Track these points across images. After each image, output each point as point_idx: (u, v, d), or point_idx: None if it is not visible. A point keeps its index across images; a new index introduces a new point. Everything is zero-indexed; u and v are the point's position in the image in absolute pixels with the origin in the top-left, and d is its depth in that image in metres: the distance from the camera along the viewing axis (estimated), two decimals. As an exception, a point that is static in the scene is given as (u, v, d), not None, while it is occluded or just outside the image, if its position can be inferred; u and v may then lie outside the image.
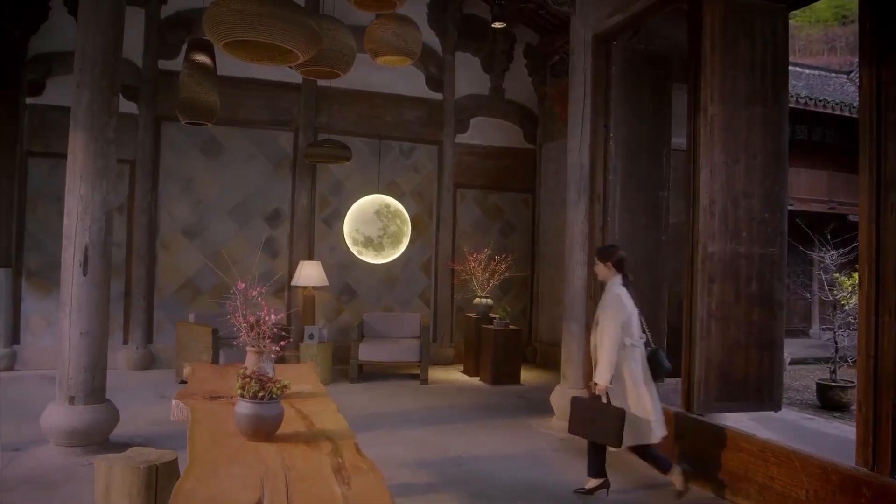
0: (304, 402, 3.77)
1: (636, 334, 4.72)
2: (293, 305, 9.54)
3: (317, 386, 4.27)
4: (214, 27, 3.32)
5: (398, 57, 3.82)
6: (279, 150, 9.61)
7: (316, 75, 4.27)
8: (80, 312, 5.33)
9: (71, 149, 5.37)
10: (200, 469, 2.57)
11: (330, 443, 2.98)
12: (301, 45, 3.40)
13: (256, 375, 3.03)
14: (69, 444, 5.23)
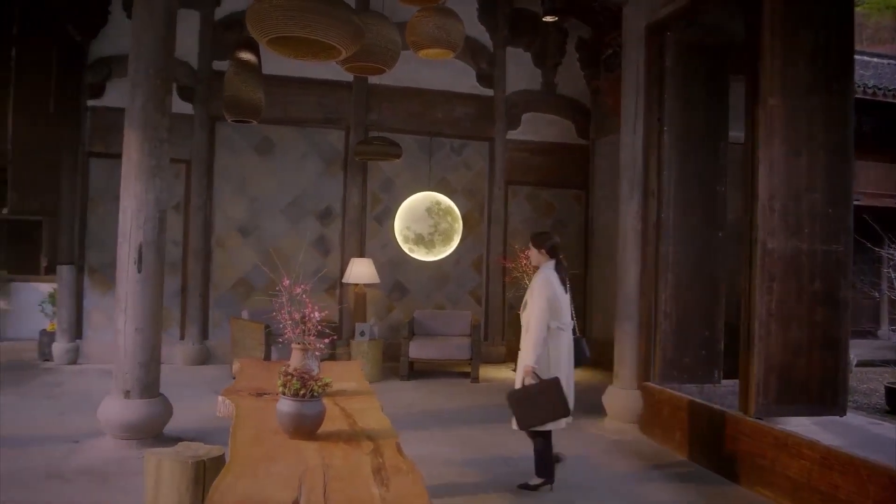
0: (349, 399, 3.75)
1: (564, 318, 4.71)
2: (344, 303, 9.59)
3: (362, 384, 4.24)
4: (257, 24, 3.32)
5: (440, 50, 3.75)
6: (331, 148, 9.68)
7: (361, 71, 4.25)
8: (135, 309, 5.44)
9: (126, 148, 5.48)
10: (240, 466, 2.56)
11: (371, 442, 2.94)
12: (343, 40, 3.37)
13: (298, 373, 3.02)
14: (125, 436, 5.34)
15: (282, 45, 3.54)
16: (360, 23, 3.42)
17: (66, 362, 8.77)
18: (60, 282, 8.99)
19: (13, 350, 9.90)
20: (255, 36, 3.37)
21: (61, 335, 8.86)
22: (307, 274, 9.27)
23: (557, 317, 4.64)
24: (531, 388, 4.54)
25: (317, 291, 9.58)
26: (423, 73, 9.46)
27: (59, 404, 6.79)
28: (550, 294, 4.61)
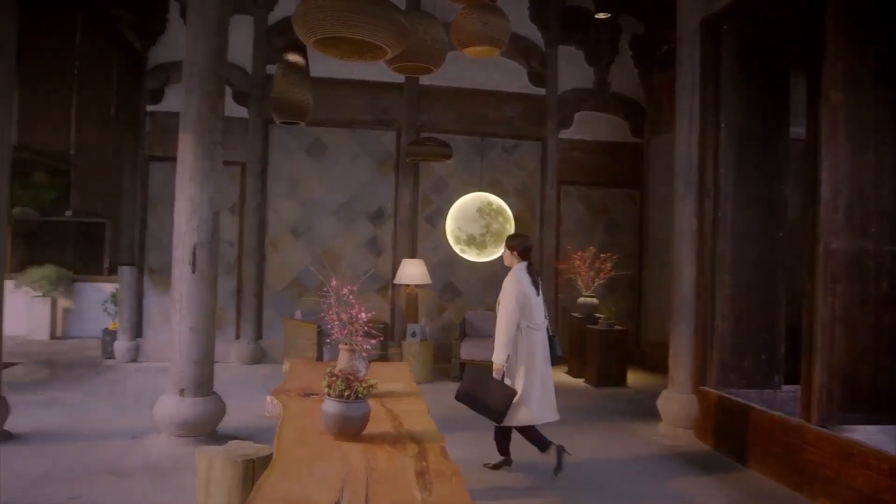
0: (396, 401, 3.73)
1: (536, 318, 4.83)
2: (396, 303, 9.62)
3: (410, 385, 4.22)
4: (303, 25, 3.33)
5: (485, 47, 3.70)
6: (382, 149, 9.72)
7: (409, 71, 4.24)
8: (190, 308, 5.55)
9: (181, 151, 5.60)
10: (284, 467, 2.56)
11: (416, 445, 2.91)
12: (389, 39, 3.36)
13: (344, 374, 3.01)
14: (179, 434, 5.45)
15: (328, 45, 3.54)
16: (405, 22, 3.40)
17: (127, 360, 9.02)
18: (122, 282, 9.26)
19: (78, 348, 10.25)
20: (302, 37, 3.39)
21: (122, 334, 9.12)
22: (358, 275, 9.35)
23: (528, 317, 4.78)
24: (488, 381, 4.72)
25: (368, 292, 9.66)
26: (475, 73, 9.44)
27: (120, 401, 6.98)
28: (520, 295, 4.76)
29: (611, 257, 8.86)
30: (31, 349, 10.01)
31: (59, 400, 6.96)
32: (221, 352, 9.09)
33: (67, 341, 11.00)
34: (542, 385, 4.82)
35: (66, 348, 10.28)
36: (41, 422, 6.06)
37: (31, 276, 10.97)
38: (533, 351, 4.81)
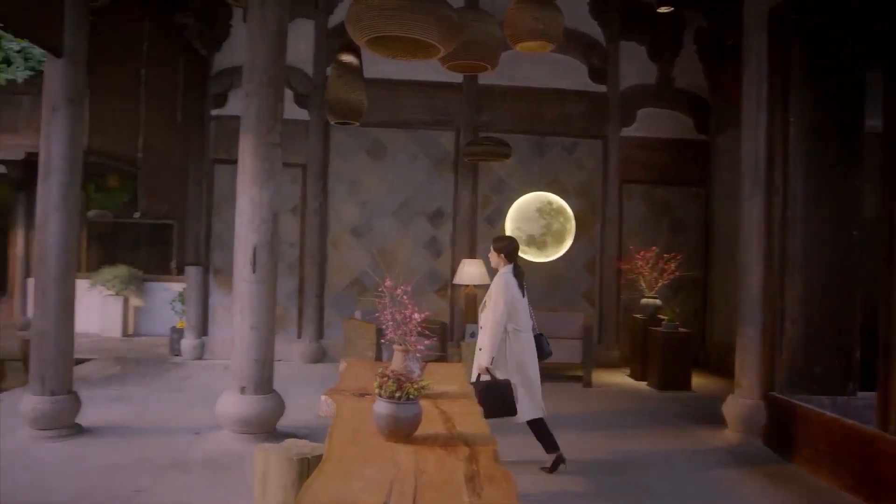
0: (450, 402, 3.69)
1: (521, 321, 4.91)
2: (455, 304, 9.59)
3: (464, 386, 4.18)
4: (355, 25, 3.32)
5: (538, 42, 3.62)
6: (441, 149, 9.71)
7: (464, 70, 4.19)
8: (250, 308, 5.64)
9: (241, 153, 5.70)
10: (332, 467, 2.55)
11: (468, 448, 2.86)
12: (441, 37, 3.32)
13: (395, 375, 2.98)
14: (240, 431, 5.55)
15: (380, 45, 3.53)
16: (458, 19, 3.36)
17: (194, 357, 9.26)
18: (188, 282, 9.52)
19: (148, 345, 10.59)
20: (354, 37, 3.38)
21: (189, 332, 9.37)
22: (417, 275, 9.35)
23: (515, 319, 4.86)
24: (479, 385, 4.70)
25: (427, 292, 9.68)
26: (534, 71, 9.34)
27: (185, 397, 7.17)
28: (509, 298, 4.82)
29: (675, 257, 8.62)
30: (104, 346, 10.39)
31: (128, 395, 7.19)
32: (284, 351, 9.28)
33: (138, 339, 11.38)
34: (527, 386, 4.91)
35: (137, 345, 10.64)
36: (111, 416, 6.27)
37: (105, 275, 11.39)
38: (521, 353, 4.92)
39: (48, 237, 5.64)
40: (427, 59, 3.62)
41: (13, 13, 4.90)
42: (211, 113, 9.35)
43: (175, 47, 8.12)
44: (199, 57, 9.09)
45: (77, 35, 5.63)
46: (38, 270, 5.74)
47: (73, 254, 5.84)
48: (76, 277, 5.95)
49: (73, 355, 5.97)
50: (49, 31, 5.38)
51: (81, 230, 12.73)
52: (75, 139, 5.70)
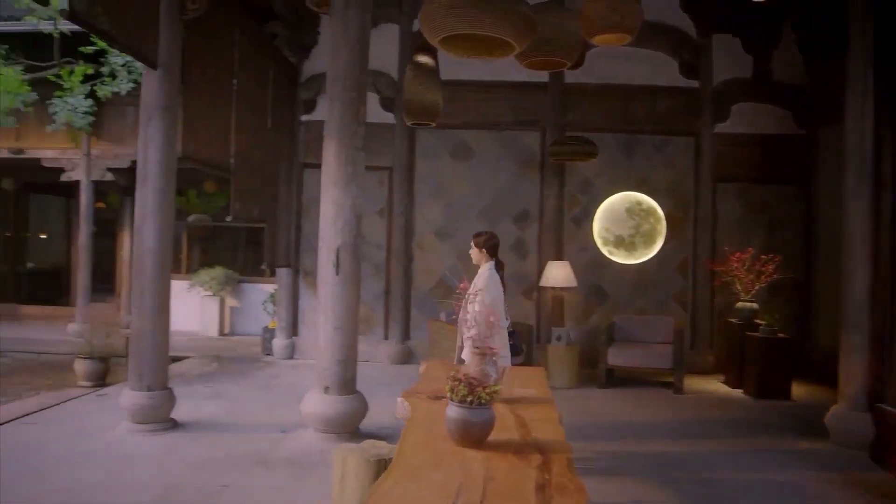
0: (527, 407, 3.60)
1: (503, 318, 4.86)
2: (541, 306, 9.45)
3: (543, 391, 4.07)
4: (428, 25, 3.30)
5: (614, 34, 3.48)
6: (526, 150, 9.60)
7: (542, 66, 4.09)
8: (334, 309, 5.72)
9: (325, 157, 5.80)
10: (401, 471, 2.52)
11: (541, 455, 2.77)
12: (514, 33, 3.25)
13: (467, 378, 2.93)
14: (324, 430, 5.63)
15: (454, 44, 3.49)
16: (532, 15, 3.27)
17: (284, 357, 9.52)
18: (279, 283, 9.79)
19: (242, 344, 10.96)
20: (428, 37, 3.36)
21: (280, 332, 9.64)
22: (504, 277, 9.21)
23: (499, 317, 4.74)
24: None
25: (513, 294, 9.56)
26: (622, 67, 9.11)
27: (274, 396, 7.36)
28: (497, 295, 4.82)
29: (773, 259, 8.18)
30: (202, 344, 10.83)
31: (221, 392, 7.45)
32: (370, 352, 9.40)
33: (233, 338, 11.80)
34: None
35: (232, 344, 11.03)
36: (204, 412, 6.50)
37: (203, 276, 11.88)
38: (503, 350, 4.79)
39: (145, 240, 5.90)
40: (503, 57, 3.55)
41: (114, 29, 5.15)
42: (301, 118, 9.59)
43: (265, 55, 8.36)
44: (289, 64, 9.34)
45: (171, 47, 5.88)
46: (135, 272, 6.02)
47: (169, 256, 6.09)
48: (176, 279, 6.21)
49: (169, 353, 6.24)
50: (145, 45, 5.63)
51: (182, 234, 13.40)
52: (169, 146, 5.95)
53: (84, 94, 9.22)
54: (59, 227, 16.00)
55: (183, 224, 13.57)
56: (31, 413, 6.45)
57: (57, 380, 8.36)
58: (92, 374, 7.76)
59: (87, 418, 6.29)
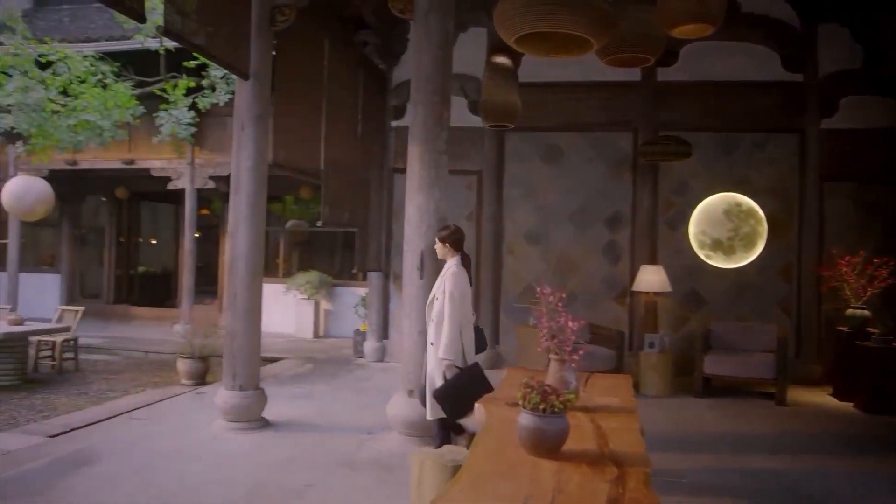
0: (607, 417, 3.48)
1: (468, 313, 4.85)
2: (634, 312, 9.18)
3: (627, 400, 3.93)
4: (503, 24, 3.26)
5: (695, 25, 3.29)
6: (618, 151, 9.35)
7: (623, 63, 3.96)
8: (417, 312, 5.71)
9: (409, 162, 5.83)
10: (469, 479, 2.47)
11: (616, 468, 2.66)
12: (592, 30, 3.16)
13: (540, 386, 2.85)
14: (408, 433, 5.65)
15: (530, 43, 3.43)
16: (610, 9, 3.16)
17: (375, 360, 9.65)
18: (370, 287, 9.95)
19: (335, 347, 11.21)
20: (504, 37, 3.32)
21: (371, 335, 9.79)
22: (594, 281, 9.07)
23: (465, 313, 4.81)
24: (459, 380, 4.64)
25: (605, 299, 9.36)
26: (718, 63, 8.72)
27: (362, 398, 7.46)
28: (464, 290, 4.81)
29: (887, 263, 7.61)
30: (297, 346, 11.15)
31: (312, 393, 7.62)
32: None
33: (327, 340, 12.09)
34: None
35: (326, 346, 11.30)
36: (294, 412, 6.67)
37: (298, 280, 12.24)
38: (469, 346, 4.87)
39: (238, 245, 6.12)
40: (581, 55, 3.45)
41: (207, 43, 5.37)
42: (391, 124, 9.72)
43: (355, 63, 8.51)
44: (379, 71, 9.48)
45: (262, 58, 6.07)
46: (229, 275, 6.25)
47: (260, 260, 6.29)
48: (273, 282, 6.41)
49: (265, 354, 6.44)
50: (237, 56, 5.84)
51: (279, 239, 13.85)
52: (261, 154, 6.15)
53: (187, 106, 9.67)
54: (168, 232, 16.92)
55: (281, 229, 14.05)
56: (137, 408, 6.82)
57: (162, 377, 8.79)
58: (192, 372, 8.11)
59: (186, 415, 6.58)
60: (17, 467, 4.97)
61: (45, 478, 4.77)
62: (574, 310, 9.21)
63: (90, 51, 9.82)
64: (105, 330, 12.47)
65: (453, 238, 4.97)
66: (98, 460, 5.14)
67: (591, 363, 7.64)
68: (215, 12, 5.41)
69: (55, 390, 7.90)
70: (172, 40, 5.36)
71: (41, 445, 5.58)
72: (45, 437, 5.84)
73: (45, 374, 8.75)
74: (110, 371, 9.22)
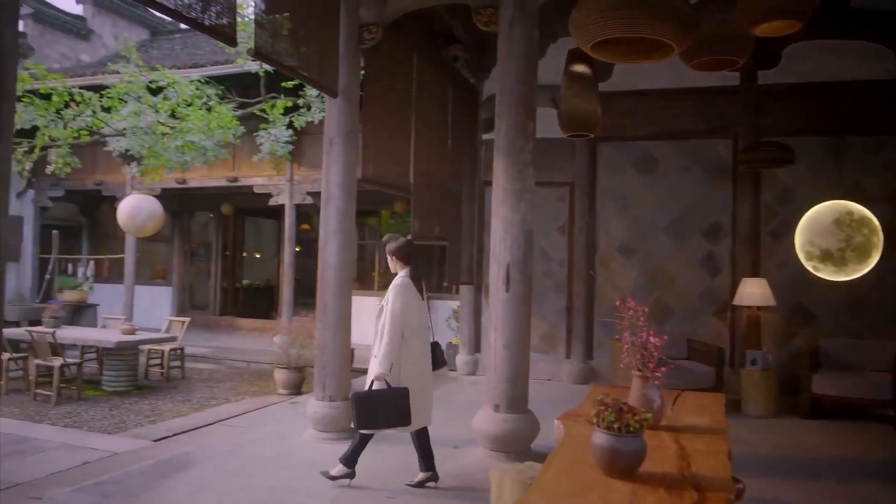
0: (693, 437, 3.30)
1: (414, 325, 4.93)
2: (735, 327, 8.75)
3: (717, 420, 3.72)
4: (578, 31, 3.18)
5: (780, 22, 3.07)
6: (716, 159, 8.99)
7: (711, 67, 3.78)
8: (503, 326, 5.68)
9: (494, 175, 5.80)
10: (537, 498, 2.40)
11: (696, 492, 2.51)
12: (672, 33, 3.03)
13: (616, 403, 2.74)
14: (493, 448, 5.59)
15: (608, 49, 3.32)
16: (691, 10, 3.03)
17: (467, 373, 9.64)
18: (462, 300, 9.96)
19: (428, 359, 11.25)
20: (580, 44, 3.24)
21: (462, 348, 9.78)
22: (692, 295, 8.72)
23: (409, 324, 4.87)
24: (378, 394, 4.72)
25: (704, 314, 8.99)
26: (824, 63, 8.22)
27: (452, 411, 7.43)
28: (405, 301, 4.86)
29: None
30: (391, 358, 11.26)
31: (402, 406, 7.66)
32: (552, 370, 9.28)
33: (421, 353, 12.15)
34: (419, 394, 4.87)
35: (419, 359, 11.35)
36: (383, 425, 6.71)
37: (393, 293, 12.38)
38: (410, 357, 4.90)
39: (327, 257, 6.26)
40: (662, 60, 3.32)
41: (300, 65, 5.57)
42: (481, 137, 9.73)
43: (444, 77, 8.58)
44: (470, 85, 9.51)
45: (350, 75, 6.22)
46: (319, 287, 6.39)
47: (349, 272, 6.41)
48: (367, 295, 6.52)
49: (358, 365, 6.53)
50: (325, 75, 6.01)
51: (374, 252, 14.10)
52: (349, 169, 6.29)
53: (285, 125, 10.03)
54: (271, 247, 17.57)
55: (376, 242, 14.30)
56: (234, 416, 7.09)
57: (260, 386, 9.10)
58: (288, 382, 8.35)
59: (280, 424, 6.78)
60: (123, 468, 5.26)
61: (146, 479, 5.01)
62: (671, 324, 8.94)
63: (197, 75, 10.36)
64: (211, 340, 13.06)
65: (402, 252, 5.09)
66: (195, 464, 5.37)
67: (689, 380, 7.35)
68: (305, 34, 5.59)
69: (162, 396, 8.31)
70: (262, 61, 5.56)
71: (146, 448, 5.88)
72: (150, 440, 6.16)
73: (154, 381, 9.23)
74: (213, 379, 9.62)
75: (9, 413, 7.25)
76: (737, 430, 6.68)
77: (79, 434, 6.47)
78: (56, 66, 14.89)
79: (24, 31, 15.34)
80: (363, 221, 14.97)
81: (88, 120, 9.23)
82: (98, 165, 13.52)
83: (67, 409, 7.51)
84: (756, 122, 8.67)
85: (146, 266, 15.97)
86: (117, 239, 13.95)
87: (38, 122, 9.04)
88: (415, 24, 7.43)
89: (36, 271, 14.18)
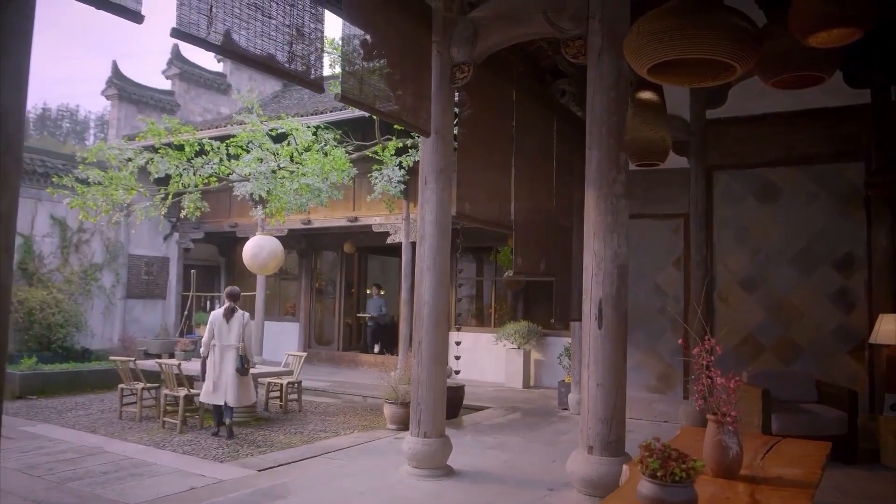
0: (773, 490, 3.01)
1: (223, 340, 8.04)
2: (875, 368, 7.94)
3: (810, 473, 3.36)
4: (634, 55, 3.08)
5: (836, 31, 2.78)
6: (846, 184, 8.28)
7: (790, 85, 3.52)
8: (596, 364, 5.45)
9: (586, 208, 5.63)
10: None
11: (751, 551, 2.27)
12: (733, 51, 2.85)
13: (663, 450, 2.54)
14: (586, 492, 5.33)
15: (668, 72, 3.18)
16: (751, 26, 2.84)
17: (577, 412, 9.30)
18: (573, 336, 9.71)
19: (543, 397, 11.05)
20: (635, 68, 3.12)
21: (574, 385, 9.50)
22: (823, 332, 8.09)
23: (218, 338, 8.03)
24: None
25: (837, 353, 8.23)
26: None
27: (555, 451, 7.23)
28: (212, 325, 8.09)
29: None
30: (504, 395, 11.15)
31: (505, 444, 7.55)
32: (669, 411, 8.84)
33: (536, 390, 11.95)
34: (213, 379, 8.00)
35: (533, 396, 11.17)
36: (483, 462, 6.64)
37: (507, 329, 12.31)
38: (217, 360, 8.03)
39: (422, 294, 6.31)
40: (727, 80, 3.13)
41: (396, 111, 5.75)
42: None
43: (549, 112, 8.51)
44: (577, 119, 9.36)
45: (443, 114, 6.31)
46: (415, 324, 6.45)
47: (444, 309, 6.41)
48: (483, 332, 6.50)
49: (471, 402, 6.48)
50: (418, 116, 6.12)
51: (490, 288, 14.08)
52: (443, 207, 6.34)
53: (396, 165, 10.32)
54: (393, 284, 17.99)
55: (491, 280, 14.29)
56: (338, 449, 7.24)
57: (371, 421, 9.26)
58: (396, 417, 8.43)
59: (380, 458, 6.85)
60: (223, 495, 5.50)
61: (240, 508, 5.21)
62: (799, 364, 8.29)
63: (317, 121, 10.92)
64: (334, 375, 13.49)
65: (228, 294, 8.34)
66: (289, 495, 5.52)
67: (816, 426, 6.77)
68: (399, 77, 5.75)
69: (277, 428, 8.65)
70: (350, 105, 5.76)
71: (249, 477, 6.12)
72: (255, 470, 6.40)
73: (272, 413, 9.64)
74: (328, 413, 9.90)
75: (138, 439, 7.82)
76: (869, 485, 6.06)
77: (193, 461, 6.86)
78: (199, 119, 16.22)
79: (172, 89, 16.88)
80: (479, 257, 15.03)
81: (216, 167, 9.94)
82: (233, 209, 14.51)
83: (189, 436, 7.99)
84: (891, 143, 7.93)
85: (277, 302, 16.82)
86: (251, 277, 14.81)
87: (171, 170, 9.86)
88: (514, 61, 7.46)
89: (178, 307, 15.32)
